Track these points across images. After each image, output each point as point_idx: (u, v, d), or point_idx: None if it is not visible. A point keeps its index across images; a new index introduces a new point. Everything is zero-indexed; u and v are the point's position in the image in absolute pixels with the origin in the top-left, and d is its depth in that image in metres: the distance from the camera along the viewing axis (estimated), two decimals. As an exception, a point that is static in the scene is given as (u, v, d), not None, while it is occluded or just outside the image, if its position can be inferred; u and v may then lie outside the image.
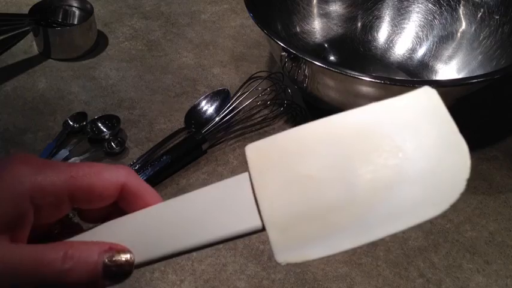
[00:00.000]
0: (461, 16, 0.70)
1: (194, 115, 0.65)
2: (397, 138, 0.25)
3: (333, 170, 0.25)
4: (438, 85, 0.54)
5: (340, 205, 0.25)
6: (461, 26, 0.70)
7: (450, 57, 0.70)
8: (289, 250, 0.24)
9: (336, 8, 0.75)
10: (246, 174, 0.27)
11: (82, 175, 0.26)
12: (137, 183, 0.28)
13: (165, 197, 0.58)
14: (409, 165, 0.24)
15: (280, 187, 0.26)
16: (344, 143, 0.26)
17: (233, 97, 0.63)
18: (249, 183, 0.27)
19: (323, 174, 0.25)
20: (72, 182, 0.26)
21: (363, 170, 0.25)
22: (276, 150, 0.27)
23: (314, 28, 0.74)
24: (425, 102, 0.26)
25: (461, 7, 0.70)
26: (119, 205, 0.28)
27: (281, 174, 0.26)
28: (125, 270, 0.26)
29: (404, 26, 0.74)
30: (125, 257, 0.26)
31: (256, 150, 0.27)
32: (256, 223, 0.26)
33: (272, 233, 0.25)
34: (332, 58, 0.73)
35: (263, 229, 0.25)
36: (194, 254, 0.51)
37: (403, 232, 0.53)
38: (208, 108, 0.65)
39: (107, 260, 0.25)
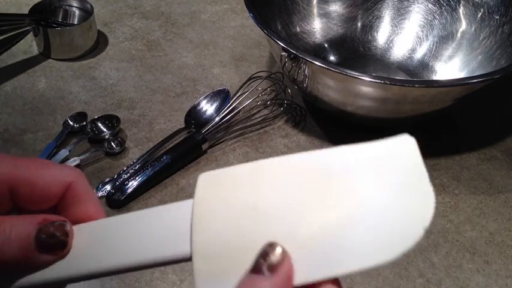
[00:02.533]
0: (461, 16, 0.70)
1: (194, 115, 0.65)
2: (360, 181, 0.24)
3: (280, 207, 0.24)
4: (438, 85, 0.54)
5: (291, 232, 0.23)
6: (461, 26, 0.70)
7: (450, 57, 0.70)
8: (211, 281, 0.23)
9: (336, 8, 0.75)
10: (191, 200, 0.26)
11: (26, 167, 0.25)
12: (84, 187, 0.27)
13: (166, 196, 0.59)
14: (365, 208, 0.23)
15: (219, 217, 0.24)
16: (303, 182, 0.25)
17: (233, 97, 0.63)
18: (190, 209, 0.25)
19: (268, 209, 0.24)
20: (14, 173, 0.25)
21: (315, 209, 0.24)
22: (228, 180, 0.26)
23: (314, 28, 0.74)
24: (400, 149, 0.25)
25: (461, 7, 0.70)
26: (60, 207, 0.27)
27: (225, 204, 0.25)
28: (60, 240, 0.25)
29: (404, 26, 0.74)
30: (59, 224, 0.25)
31: (208, 179, 0.26)
32: (184, 249, 0.24)
33: (196, 262, 0.24)
34: (332, 58, 0.73)
35: (191, 258, 0.24)
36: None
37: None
38: (208, 108, 0.65)
39: (40, 232, 0.24)
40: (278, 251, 0.22)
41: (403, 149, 0.25)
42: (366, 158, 0.25)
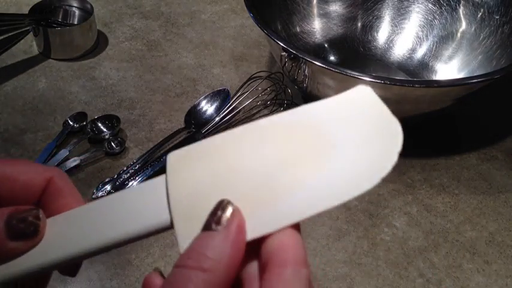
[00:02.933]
0: (461, 16, 0.70)
1: (194, 115, 0.65)
2: (331, 129, 0.25)
3: (257, 162, 0.25)
4: (438, 85, 0.54)
5: (260, 187, 0.24)
6: (461, 26, 0.70)
7: (450, 57, 0.70)
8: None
9: (336, 8, 0.75)
10: (163, 176, 0.26)
11: (6, 165, 0.26)
12: (65, 181, 0.27)
13: (165, 197, 0.58)
14: (340, 147, 0.24)
15: (194, 181, 0.25)
16: (274, 140, 0.25)
17: (233, 97, 0.63)
18: (164, 183, 0.26)
19: (246, 165, 0.25)
20: None
21: (291, 159, 0.25)
22: (198, 150, 0.26)
23: (314, 28, 0.74)
24: (361, 97, 0.27)
25: (461, 7, 0.70)
26: (42, 204, 0.27)
27: (198, 169, 0.25)
28: (31, 223, 0.24)
29: (404, 26, 0.74)
30: (29, 209, 0.25)
31: (178, 154, 0.26)
32: (164, 217, 0.25)
33: (177, 225, 0.24)
34: (332, 58, 0.73)
35: (171, 223, 0.25)
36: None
37: (403, 232, 0.53)
38: (208, 108, 0.65)
39: (10, 217, 0.24)
40: (228, 206, 0.23)
41: (363, 95, 0.27)
42: (332, 108, 0.26)
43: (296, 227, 0.23)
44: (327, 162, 0.24)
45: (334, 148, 0.25)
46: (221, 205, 0.23)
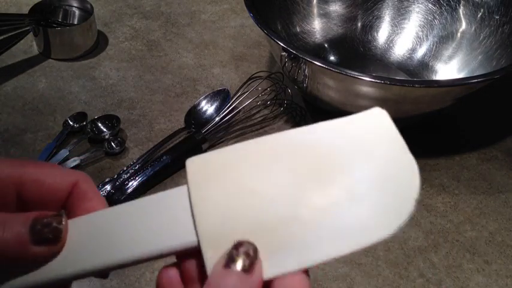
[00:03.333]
0: (461, 16, 0.70)
1: (194, 115, 0.65)
2: (346, 158, 0.25)
3: (278, 186, 0.24)
4: (438, 85, 0.54)
5: (282, 223, 0.24)
6: (461, 26, 0.70)
7: (450, 57, 0.70)
8: None
9: (336, 8, 0.75)
10: (185, 186, 0.25)
11: (33, 167, 0.26)
12: (90, 185, 0.27)
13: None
14: (356, 185, 0.24)
15: (219, 201, 0.24)
16: (292, 160, 0.25)
17: (233, 97, 0.63)
18: (187, 196, 0.25)
19: (267, 189, 0.24)
20: (21, 171, 0.25)
21: (310, 188, 0.24)
22: (219, 163, 0.26)
23: (314, 28, 0.74)
24: (376, 122, 0.26)
25: (461, 7, 0.70)
26: (67, 207, 0.27)
27: (221, 188, 0.25)
28: (55, 228, 0.24)
29: (404, 26, 0.74)
30: (54, 214, 0.25)
31: (198, 163, 0.26)
32: (190, 238, 0.24)
33: (206, 250, 0.24)
34: (332, 58, 0.73)
35: (198, 246, 0.24)
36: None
37: (403, 232, 0.53)
38: (208, 108, 0.65)
39: (35, 221, 0.24)
40: (250, 248, 0.23)
41: (379, 122, 0.26)
42: (348, 132, 0.25)
43: (306, 270, 0.23)
44: (343, 200, 0.24)
45: (351, 184, 0.24)
46: (243, 245, 0.23)
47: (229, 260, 0.23)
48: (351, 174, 0.24)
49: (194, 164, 0.26)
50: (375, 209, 0.23)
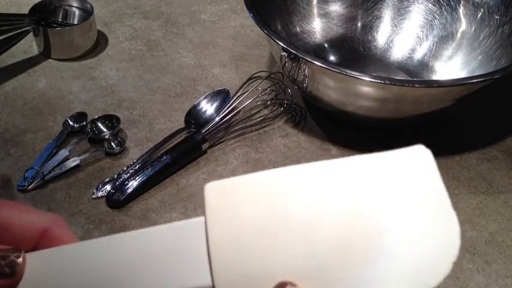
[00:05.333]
0: (461, 16, 0.70)
1: (194, 115, 0.65)
2: (381, 202, 0.22)
3: (300, 232, 0.22)
4: (438, 85, 0.54)
5: (302, 275, 0.21)
6: (461, 26, 0.70)
7: (450, 57, 0.70)
8: None
9: (336, 8, 0.75)
10: (202, 219, 0.23)
11: (4, 207, 0.25)
12: (63, 230, 0.26)
13: (165, 196, 0.59)
14: (387, 239, 0.21)
15: (237, 245, 0.22)
16: (318, 199, 0.22)
17: (233, 97, 0.63)
18: (203, 230, 0.23)
19: (288, 236, 0.22)
20: None
21: (336, 237, 0.22)
22: (240, 195, 0.23)
23: (314, 28, 0.74)
24: (418, 164, 0.23)
25: (461, 7, 0.70)
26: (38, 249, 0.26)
27: (240, 228, 0.22)
28: (11, 262, 0.24)
29: (404, 26, 0.74)
30: (10, 248, 0.24)
31: (218, 192, 0.23)
32: (206, 282, 0.22)
33: None
34: (332, 58, 0.73)
35: None
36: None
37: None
38: (208, 108, 0.65)
39: None
40: None
41: (420, 163, 0.23)
42: (385, 172, 0.22)
43: None
44: (374, 257, 0.21)
45: (386, 235, 0.21)
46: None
47: None
48: (383, 225, 0.21)
49: (214, 192, 0.23)
50: (406, 268, 0.21)
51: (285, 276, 0.21)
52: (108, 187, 0.56)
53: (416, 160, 0.23)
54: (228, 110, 0.62)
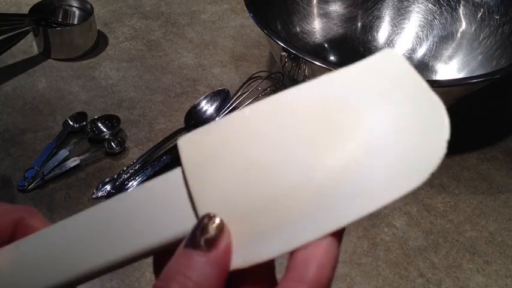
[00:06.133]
0: (461, 16, 0.70)
1: (194, 115, 0.65)
2: (360, 108, 0.22)
3: (282, 153, 0.21)
4: (438, 85, 0.54)
5: (296, 190, 0.21)
6: (461, 26, 0.70)
7: (450, 57, 0.70)
8: (237, 253, 0.21)
9: (336, 8, 0.75)
10: (179, 169, 0.23)
11: None
12: (37, 219, 0.26)
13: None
14: (377, 136, 0.21)
15: (219, 179, 0.22)
16: (296, 122, 0.22)
17: (233, 97, 0.63)
18: (182, 179, 0.23)
19: (273, 158, 0.21)
20: None
21: (322, 149, 0.21)
22: (214, 138, 0.23)
23: (314, 28, 0.74)
24: (389, 64, 0.23)
25: (461, 7, 0.70)
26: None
27: (220, 165, 0.22)
28: None
29: (404, 26, 0.74)
30: None
31: (192, 141, 0.23)
32: (191, 224, 0.21)
33: None
34: (332, 58, 0.73)
35: None
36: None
37: (403, 232, 0.53)
38: (208, 108, 0.65)
39: None
40: (216, 223, 0.21)
41: (391, 62, 0.23)
42: (358, 80, 0.23)
43: (336, 236, 0.20)
44: (363, 154, 0.21)
45: (370, 135, 0.21)
46: (209, 219, 0.21)
47: (190, 238, 0.21)
48: (368, 124, 0.21)
49: (187, 142, 0.23)
50: (402, 158, 0.20)
51: (280, 194, 0.21)
52: (108, 187, 0.56)
53: (386, 60, 0.23)
54: (228, 110, 0.62)
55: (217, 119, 0.61)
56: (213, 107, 0.65)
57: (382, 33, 0.74)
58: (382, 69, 0.23)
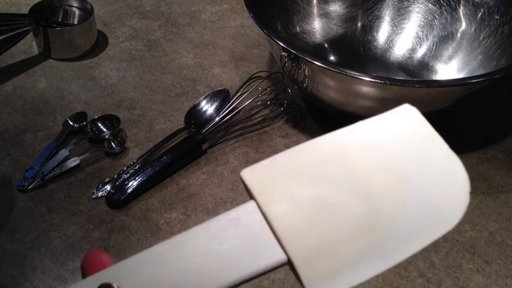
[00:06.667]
0: (461, 16, 0.70)
1: (194, 115, 0.65)
2: (394, 157, 0.25)
3: (343, 192, 0.24)
4: (438, 85, 0.54)
5: (361, 229, 0.24)
6: (461, 26, 0.70)
7: (450, 57, 0.70)
8: (320, 283, 0.23)
9: (336, 8, 0.75)
10: (253, 203, 0.25)
11: None
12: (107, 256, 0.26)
13: (166, 196, 0.59)
14: (412, 184, 0.24)
15: (295, 215, 0.24)
16: (346, 162, 0.25)
17: (233, 97, 0.63)
18: (258, 212, 0.24)
19: (335, 197, 0.24)
20: None
21: (373, 190, 0.24)
22: (276, 173, 0.25)
23: (314, 28, 0.74)
24: (409, 120, 0.27)
25: (461, 7, 0.70)
26: None
27: (292, 201, 0.24)
28: None
29: (404, 26, 0.74)
30: None
31: (255, 175, 0.25)
32: (280, 257, 0.23)
33: (300, 267, 0.23)
34: (332, 58, 0.73)
35: (287, 262, 0.24)
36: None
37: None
38: (208, 108, 0.65)
39: None
40: None
41: (411, 118, 0.27)
42: (386, 132, 0.26)
43: None
44: (409, 199, 0.24)
45: (408, 184, 0.25)
46: None
47: None
48: (405, 175, 0.25)
49: (251, 176, 0.25)
50: (436, 206, 0.24)
51: (350, 232, 0.23)
52: (108, 187, 0.56)
53: (407, 117, 0.27)
54: (228, 110, 0.62)
55: (217, 119, 0.61)
56: (213, 107, 0.65)
57: (382, 33, 0.74)
58: (404, 124, 0.27)
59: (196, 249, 0.24)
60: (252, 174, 0.25)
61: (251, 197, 0.25)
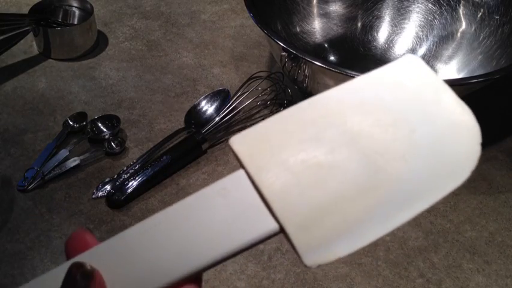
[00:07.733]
0: (461, 16, 0.70)
1: (194, 115, 0.65)
2: (397, 110, 0.23)
3: (339, 153, 0.23)
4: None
5: (359, 190, 0.22)
6: (461, 26, 0.70)
7: (450, 57, 0.70)
8: (315, 250, 0.22)
9: (336, 8, 0.75)
10: (242, 171, 0.23)
11: None
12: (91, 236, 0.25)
13: (166, 196, 0.59)
14: (417, 137, 0.23)
15: (287, 181, 0.22)
16: (342, 121, 0.23)
17: (233, 97, 0.63)
18: (248, 181, 0.23)
19: (330, 159, 0.23)
20: None
21: (372, 148, 0.23)
22: (267, 139, 0.24)
23: (314, 28, 0.74)
24: (414, 70, 0.25)
25: (461, 7, 0.70)
26: None
27: (283, 166, 0.23)
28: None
29: (404, 26, 0.74)
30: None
31: (244, 143, 0.24)
32: (272, 226, 0.22)
33: (294, 235, 0.22)
34: (332, 58, 0.73)
35: (280, 231, 0.22)
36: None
37: (403, 232, 0.53)
38: (208, 108, 0.65)
39: None
40: (85, 271, 0.21)
41: (417, 69, 0.25)
42: (390, 84, 0.24)
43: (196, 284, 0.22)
44: (413, 156, 0.22)
45: (413, 138, 0.23)
46: (76, 270, 0.21)
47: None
48: (407, 127, 0.23)
49: (241, 144, 0.24)
50: (442, 160, 0.22)
51: (347, 195, 0.22)
52: (108, 187, 0.56)
53: (410, 67, 0.25)
54: (228, 110, 0.62)
55: (217, 119, 0.61)
56: (213, 107, 0.65)
57: (382, 33, 0.74)
58: (406, 74, 0.25)
59: (182, 223, 0.23)
60: (240, 142, 0.24)
61: (242, 165, 0.24)
